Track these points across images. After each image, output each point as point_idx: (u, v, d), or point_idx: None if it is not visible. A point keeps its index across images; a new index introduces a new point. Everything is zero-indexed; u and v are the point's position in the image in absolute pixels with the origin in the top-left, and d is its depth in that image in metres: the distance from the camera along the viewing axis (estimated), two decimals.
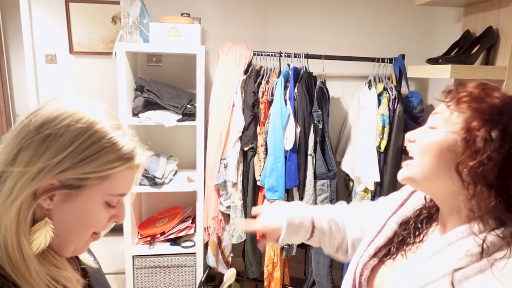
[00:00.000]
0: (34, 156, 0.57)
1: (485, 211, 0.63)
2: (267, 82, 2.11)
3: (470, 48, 1.74)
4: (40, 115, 0.60)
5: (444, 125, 0.66)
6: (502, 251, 0.61)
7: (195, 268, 2.28)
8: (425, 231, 0.78)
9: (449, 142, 0.64)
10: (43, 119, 0.59)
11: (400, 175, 0.72)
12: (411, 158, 0.71)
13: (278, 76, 2.06)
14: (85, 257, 0.76)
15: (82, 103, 0.64)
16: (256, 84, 2.09)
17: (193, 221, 2.36)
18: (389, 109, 1.99)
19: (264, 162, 2.03)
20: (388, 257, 0.80)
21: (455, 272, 0.62)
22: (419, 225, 0.79)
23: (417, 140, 0.70)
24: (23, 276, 0.57)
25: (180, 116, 2.12)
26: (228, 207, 2.16)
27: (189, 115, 2.16)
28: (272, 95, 2.05)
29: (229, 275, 1.01)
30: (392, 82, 2.11)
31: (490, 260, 0.60)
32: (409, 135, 0.72)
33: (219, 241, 2.24)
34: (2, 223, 0.57)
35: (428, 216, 0.79)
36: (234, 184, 2.10)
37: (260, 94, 2.09)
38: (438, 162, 0.65)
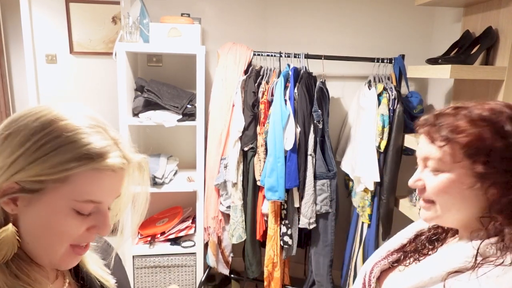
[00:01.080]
0: None
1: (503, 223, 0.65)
2: (267, 82, 2.11)
3: (470, 48, 1.74)
4: (11, 116, 0.56)
5: (447, 166, 0.67)
6: (493, 258, 0.63)
7: (195, 268, 2.28)
8: (440, 244, 0.80)
9: (462, 180, 0.66)
10: (9, 119, 0.55)
11: (426, 218, 0.74)
12: (426, 201, 0.72)
13: (278, 76, 2.06)
14: (103, 277, 0.70)
15: (64, 104, 0.58)
16: (256, 84, 2.09)
17: (193, 221, 2.36)
18: (389, 109, 1.99)
19: (264, 162, 2.03)
20: (402, 263, 0.82)
21: (448, 277, 0.64)
22: (434, 238, 0.81)
23: (428, 186, 0.70)
24: None
25: (180, 116, 2.12)
26: (228, 207, 2.16)
27: (189, 115, 2.16)
28: (272, 95, 2.05)
29: None
30: (392, 82, 2.11)
31: (480, 266, 0.63)
32: (414, 184, 0.73)
33: (219, 241, 2.24)
34: None
35: (444, 232, 0.81)
36: (234, 184, 2.10)
37: (260, 94, 2.09)
38: (457, 198, 0.67)
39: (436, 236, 0.81)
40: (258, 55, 2.17)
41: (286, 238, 2.08)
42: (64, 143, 0.54)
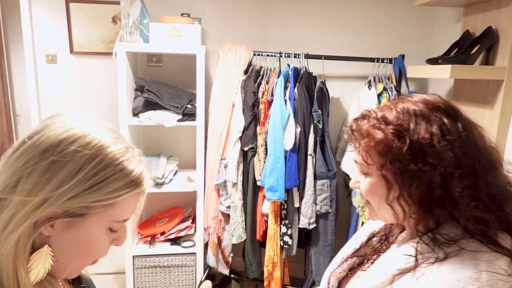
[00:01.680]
0: (38, 185, 0.53)
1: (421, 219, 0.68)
2: (267, 82, 2.11)
3: (470, 48, 1.74)
4: (45, 137, 0.55)
5: (367, 169, 0.71)
6: (435, 255, 0.64)
7: (195, 268, 2.28)
8: (393, 242, 0.81)
9: (379, 181, 0.69)
10: (48, 143, 0.54)
11: (370, 217, 0.77)
12: (366, 201, 0.76)
13: (278, 76, 2.06)
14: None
15: (87, 122, 0.59)
16: (256, 84, 2.09)
17: (193, 221, 2.36)
18: None
19: (264, 162, 2.03)
20: (360, 268, 0.83)
21: (395, 280, 0.66)
22: (386, 237, 0.83)
23: (361, 189, 0.74)
24: None
25: (180, 116, 2.12)
26: (228, 207, 2.16)
27: (189, 115, 2.16)
28: (272, 95, 2.05)
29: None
30: (392, 82, 2.11)
31: (419, 265, 0.65)
32: (353, 186, 0.77)
33: (219, 241, 2.24)
34: None
35: (394, 229, 0.83)
36: (234, 184, 2.10)
37: (260, 94, 2.09)
38: (382, 198, 0.70)
39: (388, 235, 0.83)
40: (258, 55, 2.17)
41: (286, 238, 2.08)
42: (115, 172, 0.57)
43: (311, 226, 2.05)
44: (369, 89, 2.10)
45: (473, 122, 0.68)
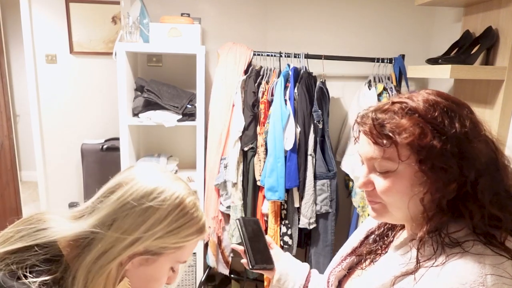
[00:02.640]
0: (133, 225, 0.63)
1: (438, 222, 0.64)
2: (267, 82, 2.11)
3: (470, 48, 1.74)
4: (138, 187, 0.66)
5: (393, 166, 0.65)
6: (438, 258, 0.62)
7: (195, 268, 2.28)
8: (391, 239, 0.79)
9: (408, 178, 0.64)
10: (143, 191, 0.65)
11: (376, 216, 0.72)
12: (374, 201, 0.71)
13: (278, 76, 2.06)
14: None
15: (167, 175, 0.71)
16: (256, 84, 2.09)
17: None
18: None
19: (264, 162, 2.03)
20: (359, 267, 0.81)
21: (396, 282, 0.65)
22: (384, 235, 0.81)
23: (378, 189, 0.68)
24: None
25: (180, 116, 2.12)
26: (228, 207, 2.16)
27: (189, 115, 2.16)
28: (272, 95, 2.05)
29: None
30: (392, 82, 2.11)
31: (424, 266, 0.63)
32: (363, 187, 0.71)
33: (219, 241, 2.24)
34: (93, 281, 0.60)
35: (392, 227, 0.81)
36: (234, 184, 2.10)
37: (260, 94, 2.09)
38: (404, 197, 0.65)
39: (386, 233, 0.81)
40: (258, 55, 2.17)
41: (286, 238, 2.08)
42: (190, 219, 0.67)
43: (311, 226, 2.05)
44: (369, 89, 2.09)
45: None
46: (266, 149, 2.03)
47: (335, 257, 0.88)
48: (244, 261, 0.97)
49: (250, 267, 0.93)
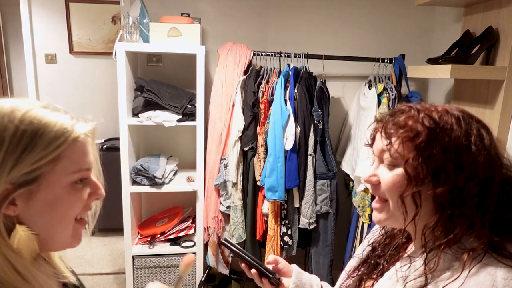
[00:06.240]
0: None
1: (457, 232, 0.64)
2: (267, 82, 2.11)
3: (470, 48, 1.74)
4: None
5: (401, 160, 0.66)
6: (451, 271, 0.62)
7: (195, 268, 2.28)
8: (401, 252, 0.79)
9: (414, 175, 0.65)
10: None
11: (380, 220, 0.73)
12: (379, 200, 0.72)
13: (278, 76, 2.06)
14: (62, 271, 0.72)
15: (4, 99, 0.59)
16: (256, 84, 2.09)
17: (193, 221, 2.36)
18: (389, 109, 1.98)
19: (264, 162, 2.03)
20: (368, 280, 0.81)
21: None
22: (390, 248, 0.81)
23: (382, 182, 0.69)
24: None
25: (180, 116, 2.12)
26: (228, 207, 2.16)
27: (189, 115, 2.16)
28: (272, 95, 2.05)
29: (186, 261, 0.90)
30: (392, 82, 2.11)
31: (435, 280, 0.62)
32: (368, 178, 0.72)
33: (219, 241, 2.24)
34: None
35: (396, 240, 0.81)
36: (234, 184, 2.10)
37: (260, 94, 2.09)
38: (408, 196, 0.66)
39: (390, 245, 0.81)
40: (258, 55, 2.17)
41: (286, 238, 2.08)
42: (39, 129, 0.56)
43: (311, 226, 2.05)
44: (369, 89, 2.09)
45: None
46: (266, 149, 2.03)
47: (342, 273, 0.88)
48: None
49: (273, 280, 0.89)
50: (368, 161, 1.97)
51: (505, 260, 0.60)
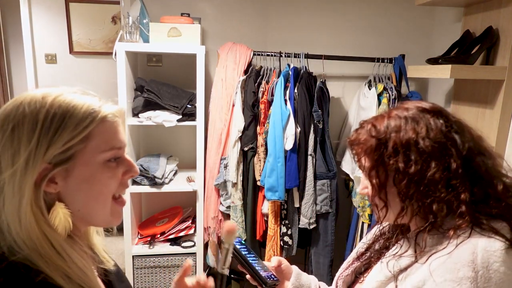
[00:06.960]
0: (14, 153, 0.57)
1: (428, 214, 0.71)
2: (267, 82, 2.11)
3: (470, 48, 1.74)
4: None
5: (366, 170, 0.76)
6: (439, 246, 0.68)
7: (195, 268, 2.28)
8: (397, 243, 0.82)
9: (378, 179, 0.73)
10: (1, 118, 0.60)
11: (378, 219, 0.80)
12: (373, 204, 0.79)
13: (278, 76, 2.06)
14: (106, 258, 0.77)
15: (34, 89, 0.64)
16: (256, 84, 2.09)
17: (193, 221, 2.36)
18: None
19: (264, 162, 2.03)
20: (367, 273, 0.85)
21: (398, 275, 0.71)
22: (391, 241, 0.85)
23: (369, 191, 0.77)
24: (56, 268, 0.57)
25: (180, 116, 2.12)
26: (228, 207, 2.16)
27: (189, 115, 2.16)
28: (272, 95, 2.05)
29: (228, 229, 0.85)
30: (392, 82, 2.11)
31: (427, 256, 0.68)
32: (361, 191, 0.80)
33: (219, 241, 2.24)
34: (23, 226, 0.57)
35: (396, 231, 0.86)
36: (234, 184, 2.10)
37: (260, 94, 2.09)
38: (384, 198, 0.74)
39: (391, 238, 0.85)
40: (258, 55, 2.17)
41: (286, 238, 2.08)
42: (68, 111, 0.60)
43: (311, 226, 2.05)
44: (369, 89, 2.09)
45: (457, 118, 0.74)
46: (266, 149, 2.03)
47: (343, 264, 0.92)
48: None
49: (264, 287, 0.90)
50: None
51: (487, 233, 0.65)
